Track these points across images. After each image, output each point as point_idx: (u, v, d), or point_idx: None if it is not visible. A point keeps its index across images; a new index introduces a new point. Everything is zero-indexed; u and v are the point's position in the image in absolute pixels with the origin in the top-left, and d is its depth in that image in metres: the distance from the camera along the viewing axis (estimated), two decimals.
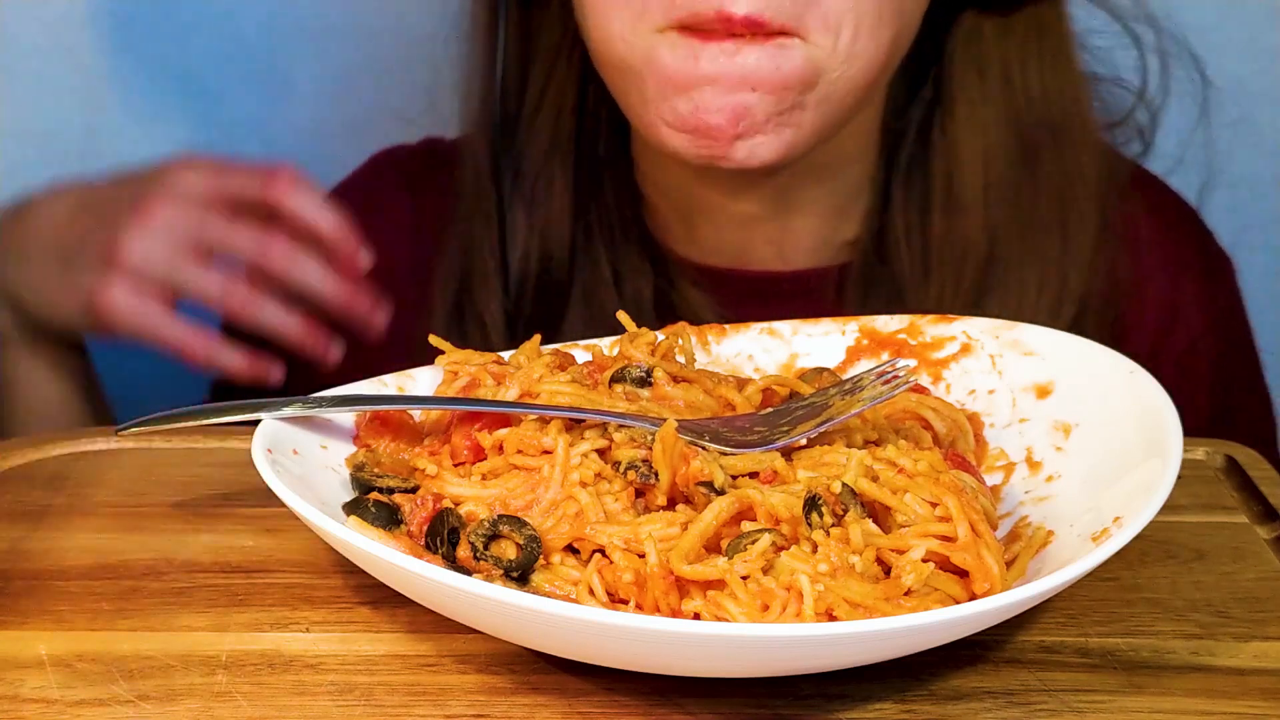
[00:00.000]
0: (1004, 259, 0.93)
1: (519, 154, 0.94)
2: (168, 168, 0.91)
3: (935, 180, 0.94)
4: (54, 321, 0.93)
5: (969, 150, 0.93)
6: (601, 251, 0.95)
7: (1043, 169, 0.94)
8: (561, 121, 0.95)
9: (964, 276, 0.93)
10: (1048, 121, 0.93)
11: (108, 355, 1.25)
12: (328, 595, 0.62)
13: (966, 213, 0.93)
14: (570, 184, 0.95)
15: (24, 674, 0.57)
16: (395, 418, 0.68)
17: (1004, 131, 0.93)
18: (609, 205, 0.96)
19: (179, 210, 0.87)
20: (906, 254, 0.94)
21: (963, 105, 0.93)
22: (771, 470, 0.62)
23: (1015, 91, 0.93)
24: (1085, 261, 0.93)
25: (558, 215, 0.95)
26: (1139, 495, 0.59)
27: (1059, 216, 0.94)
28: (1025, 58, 0.93)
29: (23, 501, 0.70)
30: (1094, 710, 0.56)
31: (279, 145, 1.22)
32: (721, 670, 0.55)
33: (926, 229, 0.94)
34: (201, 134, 1.21)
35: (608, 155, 0.96)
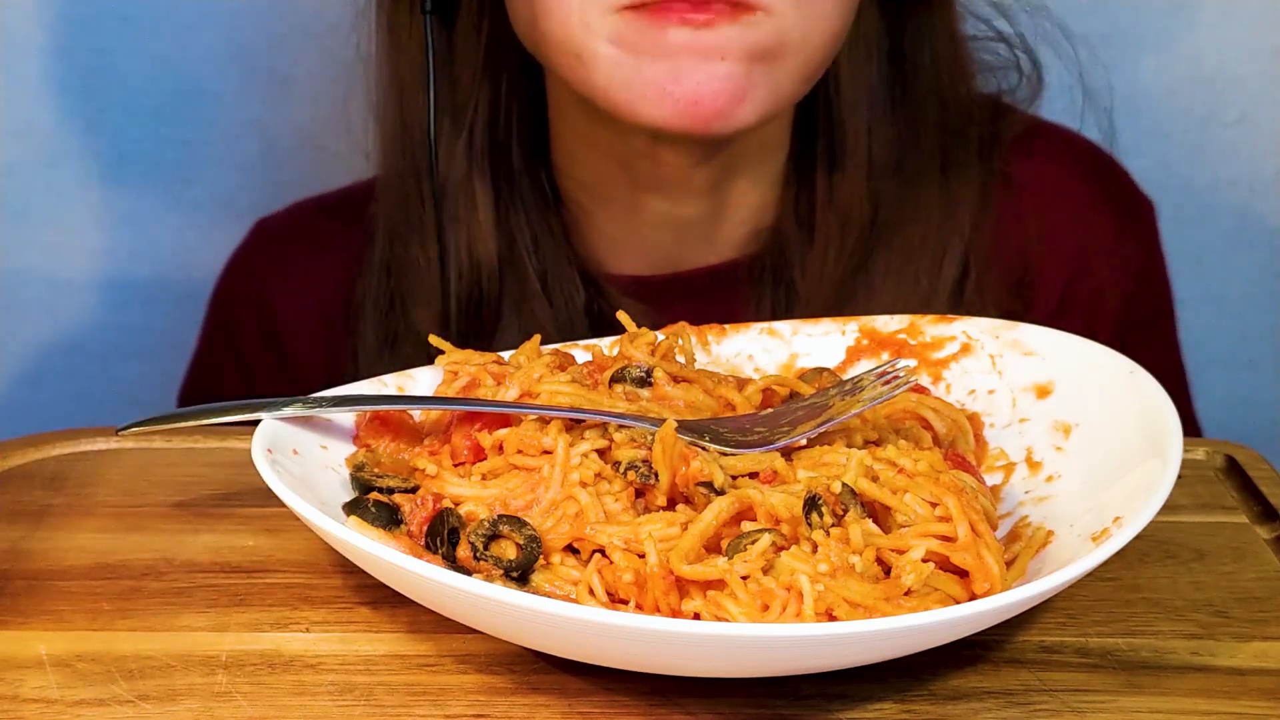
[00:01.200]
0: (888, 221, 0.95)
1: (437, 173, 0.95)
2: None
3: (820, 148, 0.96)
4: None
5: (853, 119, 0.95)
6: (527, 261, 0.96)
7: (926, 130, 0.96)
8: (476, 136, 0.95)
9: (848, 239, 0.95)
10: (933, 87, 0.96)
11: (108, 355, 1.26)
12: (328, 595, 0.62)
13: (850, 178, 0.95)
14: (490, 198, 0.95)
15: (24, 674, 0.57)
16: (395, 418, 0.68)
17: (887, 99, 0.95)
18: (529, 216, 0.97)
19: None
20: (793, 222, 0.96)
21: (847, 76, 0.94)
22: (771, 470, 0.62)
23: (902, 62, 0.95)
24: (967, 219, 0.95)
25: (482, 229, 0.95)
26: (1139, 495, 0.59)
27: (941, 176, 0.96)
28: (913, 30, 0.95)
29: (23, 501, 0.70)
30: (1094, 710, 0.56)
31: (279, 145, 1.22)
32: (721, 670, 0.55)
33: (812, 197, 0.96)
34: (201, 134, 1.21)
35: (523, 166, 0.97)
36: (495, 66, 0.95)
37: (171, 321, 1.25)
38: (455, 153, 0.95)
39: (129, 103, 1.20)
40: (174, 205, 1.22)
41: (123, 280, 1.24)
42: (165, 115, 1.20)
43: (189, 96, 1.20)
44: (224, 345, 1.05)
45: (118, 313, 1.24)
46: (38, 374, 1.25)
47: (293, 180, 1.22)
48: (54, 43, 1.18)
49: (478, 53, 0.94)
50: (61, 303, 1.24)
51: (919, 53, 0.95)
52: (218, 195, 1.22)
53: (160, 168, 1.21)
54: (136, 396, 1.26)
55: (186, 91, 1.20)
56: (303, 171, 1.22)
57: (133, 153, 1.21)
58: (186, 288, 1.24)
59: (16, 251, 1.22)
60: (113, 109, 1.20)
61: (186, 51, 1.19)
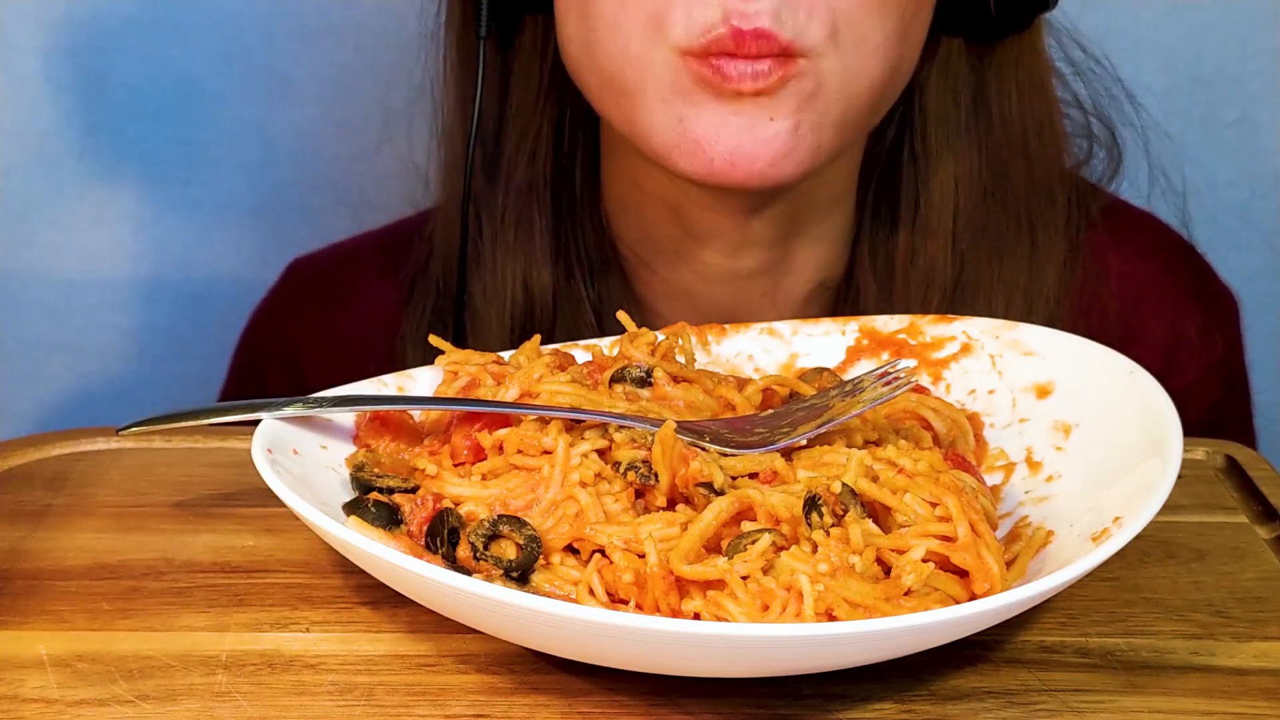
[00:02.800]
0: (971, 285, 0.93)
1: (494, 202, 0.94)
2: None
3: (903, 206, 0.93)
4: None
5: (940, 176, 0.92)
6: (583, 292, 0.95)
7: (1013, 193, 0.93)
8: (537, 165, 0.94)
9: (929, 303, 0.92)
10: (1022, 148, 0.93)
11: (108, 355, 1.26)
12: (328, 595, 0.62)
13: (934, 238, 0.92)
14: (550, 226, 0.94)
15: (24, 674, 0.57)
16: (395, 418, 0.68)
17: (975, 157, 0.92)
18: (588, 247, 0.95)
19: None
20: (872, 281, 0.94)
21: (935, 132, 0.92)
22: (771, 470, 0.62)
23: (991, 118, 0.92)
24: (1052, 288, 0.93)
25: (539, 259, 0.94)
26: (1139, 495, 0.59)
27: (1028, 241, 0.93)
28: (1003, 86, 0.92)
29: (23, 501, 0.70)
30: (1094, 710, 0.56)
31: (279, 145, 1.22)
32: (721, 670, 0.55)
33: (892, 255, 0.93)
34: (201, 134, 1.21)
35: (584, 196, 0.95)
36: (558, 97, 0.93)
37: (171, 321, 1.25)
38: (514, 181, 0.94)
39: (129, 103, 1.20)
40: (174, 205, 1.22)
41: (123, 280, 1.24)
42: (165, 115, 1.20)
43: (189, 96, 1.20)
44: (252, 383, 1.05)
45: (118, 313, 1.24)
46: (38, 374, 1.25)
47: (293, 180, 1.22)
48: (54, 43, 1.18)
49: (540, 81, 0.93)
50: (61, 303, 1.24)
51: (1005, 102, 0.92)
52: (218, 195, 1.23)
53: (160, 168, 1.21)
54: (136, 396, 1.26)
55: (186, 91, 1.20)
56: (303, 171, 1.22)
57: (133, 153, 1.21)
58: (186, 288, 1.24)
59: (16, 251, 1.22)
60: (113, 109, 1.20)
61: (186, 51, 1.19)
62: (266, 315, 1.05)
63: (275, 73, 1.20)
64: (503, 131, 0.94)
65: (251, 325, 1.06)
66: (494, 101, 0.93)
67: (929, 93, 0.92)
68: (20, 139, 1.19)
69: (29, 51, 1.18)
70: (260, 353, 1.05)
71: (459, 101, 0.94)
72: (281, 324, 1.04)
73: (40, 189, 1.21)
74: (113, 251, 1.23)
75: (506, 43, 0.93)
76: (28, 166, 1.20)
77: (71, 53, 1.18)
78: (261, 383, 1.04)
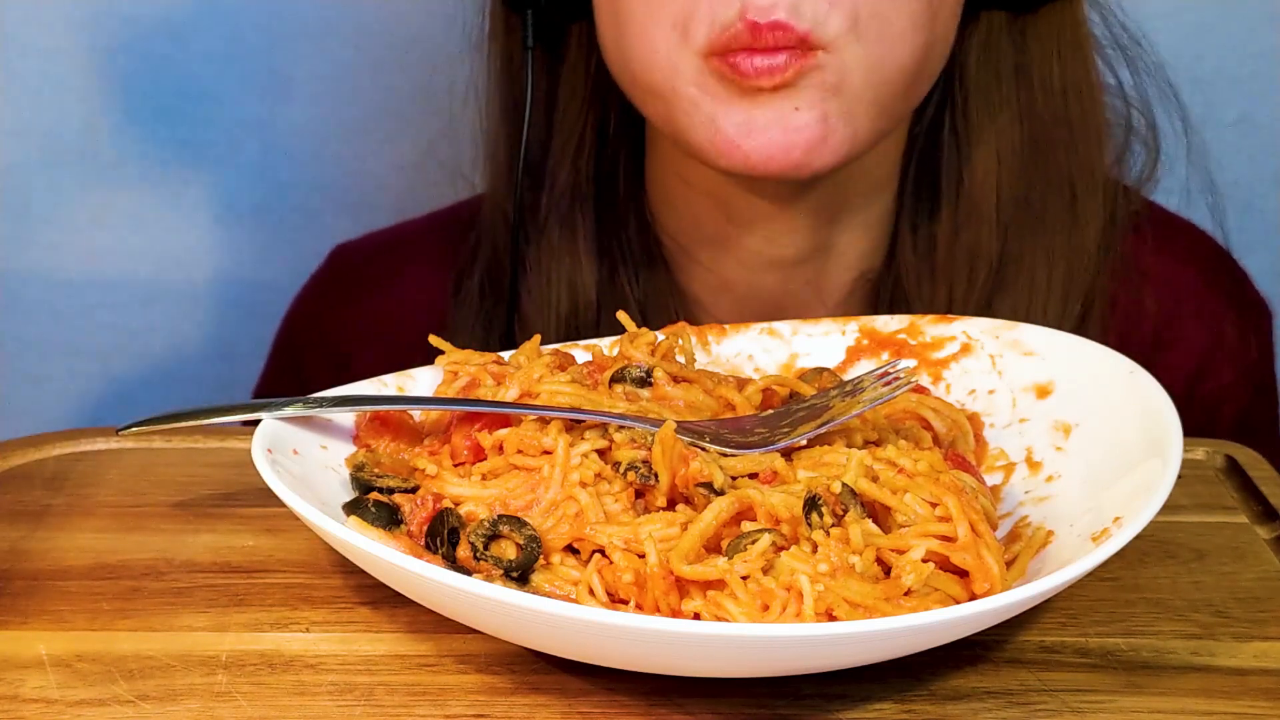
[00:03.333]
0: (1015, 259, 0.92)
1: (540, 206, 0.94)
2: None
3: (945, 182, 0.93)
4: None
5: (983, 152, 0.92)
6: (628, 290, 0.95)
7: (1055, 165, 0.93)
8: (581, 166, 0.95)
9: (976, 278, 0.92)
10: (1064, 118, 0.92)
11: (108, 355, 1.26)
12: (328, 595, 0.62)
13: (979, 214, 0.92)
14: (593, 227, 0.95)
15: (24, 674, 0.57)
16: (395, 418, 0.68)
17: (1017, 131, 0.92)
18: (633, 246, 0.96)
19: None
20: (913, 258, 0.94)
21: (977, 107, 0.92)
22: (771, 470, 0.62)
23: (1033, 90, 0.92)
24: (1094, 257, 0.93)
25: (583, 259, 0.95)
26: (1139, 495, 0.59)
27: (1069, 211, 0.93)
28: (1045, 55, 0.92)
29: (23, 501, 0.70)
30: (1094, 710, 0.56)
31: (279, 145, 1.22)
32: (721, 670, 0.55)
33: (934, 233, 0.93)
34: (201, 134, 1.21)
35: (628, 195, 0.96)
36: (601, 101, 0.94)
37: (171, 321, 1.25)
38: (559, 184, 0.95)
39: (129, 103, 1.20)
40: (174, 205, 1.22)
41: (123, 280, 1.24)
42: (165, 115, 1.20)
43: (189, 97, 1.20)
44: (291, 374, 1.05)
45: (118, 313, 1.24)
46: (38, 374, 1.25)
47: (293, 180, 1.22)
48: (54, 43, 1.18)
49: (585, 86, 0.94)
50: (61, 303, 1.24)
51: (1047, 71, 0.92)
52: (218, 195, 1.23)
53: (160, 168, 1.21)
54: (136, 396, 1.26)
55: (187, 92, 1.20)
56: (303, 171, 1.22)
57: (133, 153, 1.21)
58: (186, 288, 1.24)
59: (16, 251, 1.22)
60: (113, 109, 1.20)
61: (187, 52, 1.19)
62: (310, 302, 1.05)
63: (275, 73, 1.20)
64: (549, 137, 0.95)
65: (294, 312, 1.06)
66: (539, 109, 0.94)
67: (969, 68, 0.91)
68: (20, 139, 1.19)
69: (29, 51, 1.18)
70: (302, 340, 1.05)
71: (503, 110, 0.95)
72: (326, 311, 1.04)
73: (40, 189, 1.21)
74: (113, 251, 1.23)
75: (553, 51, 0.94)
76: (28, 166, 1.20)
77: (72, 53, 1.18)
78: (302, 370, 1.03)
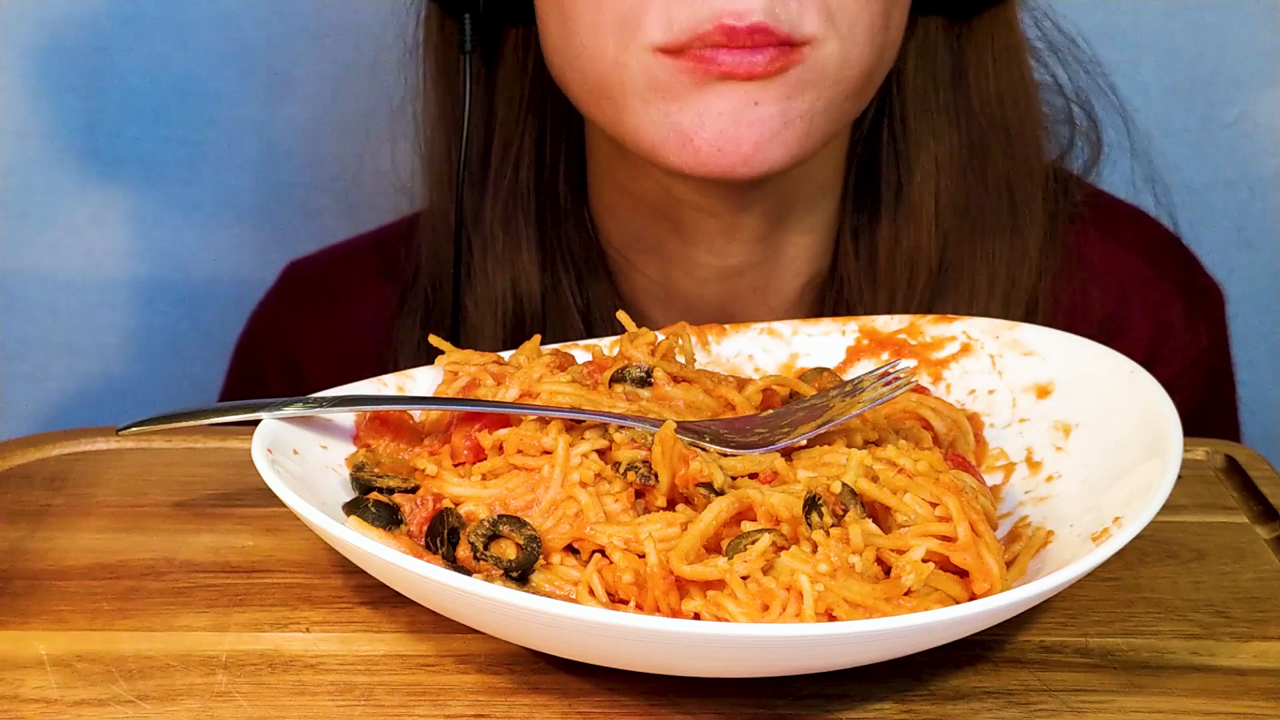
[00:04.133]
0: (955, 264, 0.92)
1: (481, 213, 0.93)
2: None
3: (884, 189, 0.93)
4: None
5: (921, 157, 0.92)
6: (571, 301, 0.94)
7: (993, 170, 0.93)
8: (521, 176, 0.94)
9: (916, 284, 0.92)
10: (1000, 123, 0.92)
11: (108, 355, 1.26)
12: (328, 595, 0.62)
13: (918, 220, 0.92)
14: (536, 237, 0.94)
15: (24, 674, 0.57)
16: (395, 418, 0.68)
17: (955, 136, 0.92)
18: (574, 254, 0.95)
19: None
20: (855, 265, 0.93)
21: (914, 112, 0.91)
22: (771, 470, 0.62)
23: (970, 95, 0.92)
24: (1035, 261, 0.93)
25: (526, 269, 0.94)
26: (1139, 495, 0.59)
27: (1009, 218, 0.93)
28: (981, 61, 0.92)
29: (23, 501, 0.70)
30: (1094, 710, 0.56)
31: (279, 145, 1.22)
32: (721, 670, 0.55)
33: (875, 240, 0.93)
34: (201, 134, 1.21)
35: (570, 206, 0.95)
36: (540, 106, 0.93)
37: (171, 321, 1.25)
38: (500, 191, 0.94)
39: (129, 103, 1.20)
40: (174, 205, 1.22)
41: (123, 280, 1.24)
42: (165, 115, 1.20)
43: (189, 96, 1.20)
44: (252, 390, 1.04)
45: (118, 313, 1.24)
46: (38, 374, 1.25)
47: (293, 180, 1.22)
48: (54, 43, 1.18)
49: (522, 92, 0.92)
50: (61, 303, 1.24)
51: (983, 77, 0.92)
52: (218, 195, 1.23)
53: (160, 168, 1.21)
54: (136, 396, 1.26)
55: (186, 91, 1.20)
56: (303, 172, 1.22)
57: (133, 153, 1.21)
58: (186, 288, 1.24)
59: (16, 251, 1.22)
60: (113, 109, 1.20)
61: (186, 51, 1.19)
62: (264, 318, 1.05)
63: (275, 73, 1.20)
64: (488, 144, 0.93)
65: (249, 328, 1.06)
66: (477, 115, 0.93)
67: (907, 74, 0.91)
68: (20, 139, 1.19)
69: (29, 51, 1.18)
70: (259, 355, 1.05)
71: (440, 117, 0.94)
72: (280, 327, 1.04)
73: (40, 189, 1.21)
74: (113, 251, 1.23)
75: (490, 56, 0.92)
76: (28, 166, 1.20)
77: (71, 53, 1.18)
78: (261, 385, 1.03)
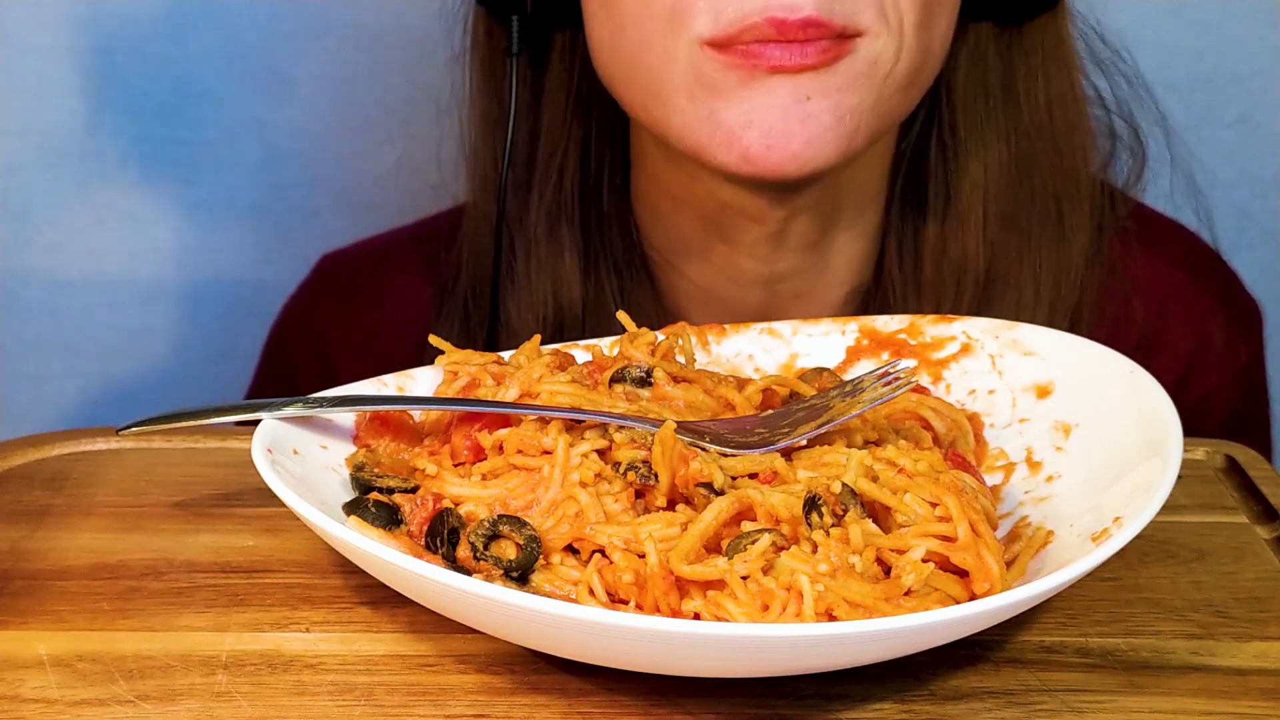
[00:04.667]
0: (1002, 274, 0.92)
1: (525, 218, 0.93)
2: None
3: (932, 197, 0.92)
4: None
5: (970, 165, 0.92)
6: (611, 305, 0.93)
7: (1040, 180, 0.92)
8: (566, 181, 0.93)
9: (963, 293, 0.92)
10: (1049, 132, 0.92)
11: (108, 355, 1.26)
12: (328, 595, 0.62)
13: (965, 228, 0.92)
14: (579, 243, 0.93)
15: (24, 674, 0.57)
16: (395, 418, 0.68)
17: (1004, 146, 0.92)
18: (618, 262, 0.94)
19: None
20: (900, 274, 0.93)
21: (965, 120, 0.91)
22: (771, 470, 0.62)
23: (1019, 104, 0.91)
24: (1080, 272, 0.92)
25: (568, 275, 0.93)
26: (1139, 495, 0.59)
27: (1056, 227, 0.92)
28: (1030, 71, 0.91)
29: (23, 501, 0.70)
30: (1094, 710, 0.56)
31: (279, 145, 1.22)
32: (721, 670, 0.55)
33: (921, 248, 0.93)
34: (201, 134, 1.21)
35: (613, 211, 0.95)
36: (585, 111, 0.92)
37: (171, 321, 1.25)
38: (544, 196, 0.93)
39: (129, 103, 1.20)
40: (174, 205, 1.23)
41: (123, 280, 1.24)
42: (165, 115, 1.20)
43: (189, 96, 1.20)
44: (282, 380, 1.04)
45: (118, 313, 1.24)
46: (38, 374, 1.25)
47: (293, 180, 1.23)
48: (54, 43, 1.18)
49: (569, 96, 0.92)
50: (61, 303, 1.24)
51: (1033, 87, 0.91)
52: (218, 195, 1.23)
53: (160, 168, 1.22)
54: (136, 396, 1.26)
55: (186, 91, 1.20)
56: (303, 172, 1.23)
57: (133, 153, 1.21)
58: (186, 288, 1.24)
59: (16, 251, 1.22)
60: (113, 109, 1.20)
61: (186, 51, 1.19)
62: (298, 311, 1.04)
63: (275, 73, 1.20)
64: (533, 148, 0.93)
65: (281, 321, 1.05)
66: (523, 119, 0.92)
67: (957, 82, 0.91)
68: (20, 139, 1.19)
69: (29, 51, 1.18)
70: (290, 350, 1.04)
71: (485, 120, 0.94)
72: (313, 320, 1.03)
73: (40, 189, 1.21)
74: (113, 251, 1.23)
75: (536, 60, 0.92)
76: (28, 166, 1.20)
77: (71, 53, 1.18)
78: (293, 380, 1.03)
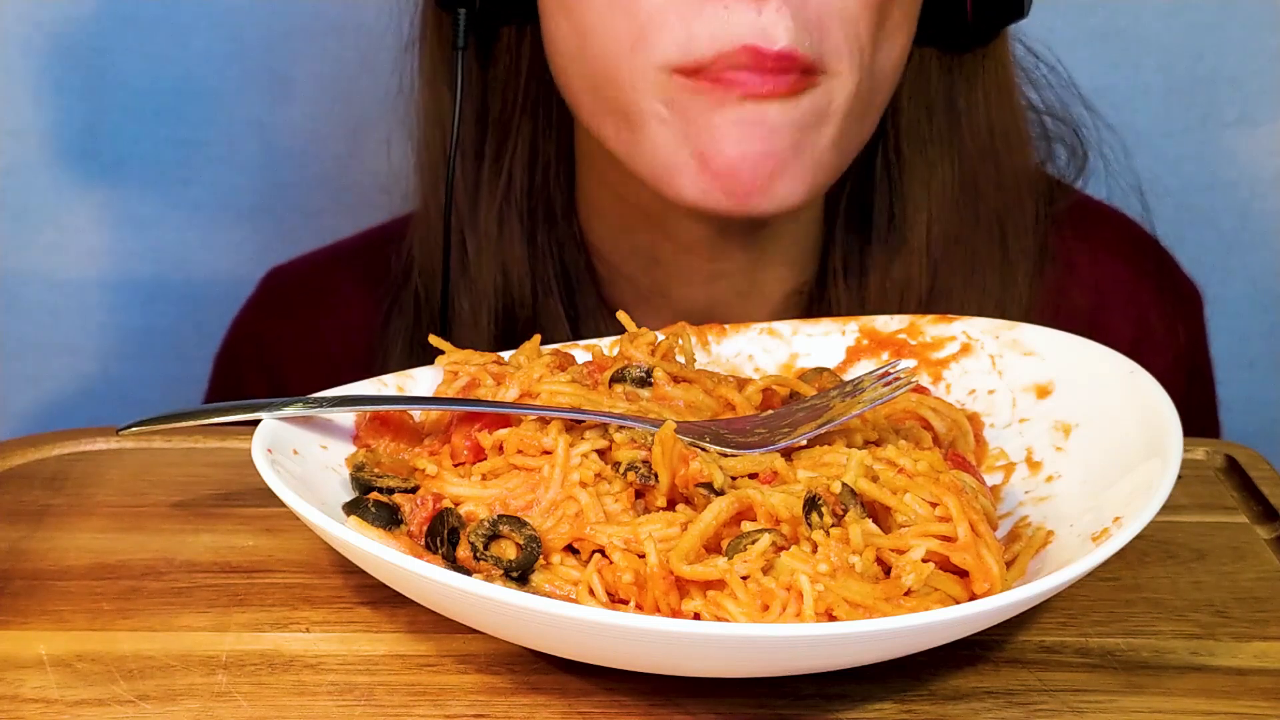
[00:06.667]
0: (944, 294, 0.92)
1: (474, 212, 0.93)
2: None
3: (877, 217, 0.93)
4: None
5: (913, 187, 0.92)
6: (560, 309, 0.94)
7: (984, 202, 0.93)
8: (516, 175, 0.93)
9: (905, 311, 0.92)
10: (991, 154, 0.93)
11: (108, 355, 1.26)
12: (328, 595, 0.62)
13: (909, 249, 0.92)
14: (526, 239, 0.93)
15: (24, 674, 0.57)
16: (395, 418, 0.68)
17: (947, 167, 0.92)
18: (565, 260, 0.94)
19: None
20: (844, 293, 0.93)
21: (910, 143, 0.92)
22: (771, 470, 0.62)
23: (961, 127, 0.92)
24: (1025, 292, 0.93)
25: (518, 271, 0.93)
26: (1139, 495, 0.59)
27: (999, 248, 0.93)
28: (972, 94, 0.92)
29: (23, 501, 0.70)
30: (1094, 710, 0.56)
31: (279, 145, 1.22)
32: (721, 670, 0.55)
33: (866, 266, 0.93)
34: (201, 134, 1.21)
35: (562, 210, 0.94)
36: (534, 107, 0.92)
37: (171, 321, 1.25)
38: (494, 193, 0.93)
39: (129, 103, 1.20)
40: (174, 205, 1.23)
41: (123, 280, 1.24)
42: (165, 115, 1.20)
43: (189, 96, 1.20)
44: (233, 397, 1.03)
45: (118, 313, 1.24)
46: (38, 374, 1.25)
47: (293, 180, 1.23)
48: (54, 43, 1.18)
49: (516, 92, 0.92)
50: (61, 303, 1.24)
51: (975, 110, 0.92)
52: (218, 195, 1.23)
53: (160, 168, 1.22)
54: (136, 396, 1.26)
55: (186, 91, 1.20)
56: (303, 172, 1.23)
57: (133, 153, 1.21)
58: (186, 288, 1.24)
59: (16, 251, 1.22)
60: (113, 109, 1.20)
61: (186, 51, 1.19)
62: (245, 325, 1.05)
63: (275, 73, 1.20)
64: (481, 142, 0.93)
65: (230, 335, 1.06)
66: (471, 114, 0.92)
67: (902, 104, 0.91)
68: (20, 139, 1.19)
69: (29, 51, 1.18)
70: (240, 362, 1.04)
71: (434, 114, 0.93)
72: (261, 333, 1.03)
73: (40, 189, 1.21)
74: (113, 251, 1.23)
75: (484, 55, 0.92)
76: (28, 166, 1.20)
77: (71, 53, 1.18)
78: (241, 392, 1.03)
